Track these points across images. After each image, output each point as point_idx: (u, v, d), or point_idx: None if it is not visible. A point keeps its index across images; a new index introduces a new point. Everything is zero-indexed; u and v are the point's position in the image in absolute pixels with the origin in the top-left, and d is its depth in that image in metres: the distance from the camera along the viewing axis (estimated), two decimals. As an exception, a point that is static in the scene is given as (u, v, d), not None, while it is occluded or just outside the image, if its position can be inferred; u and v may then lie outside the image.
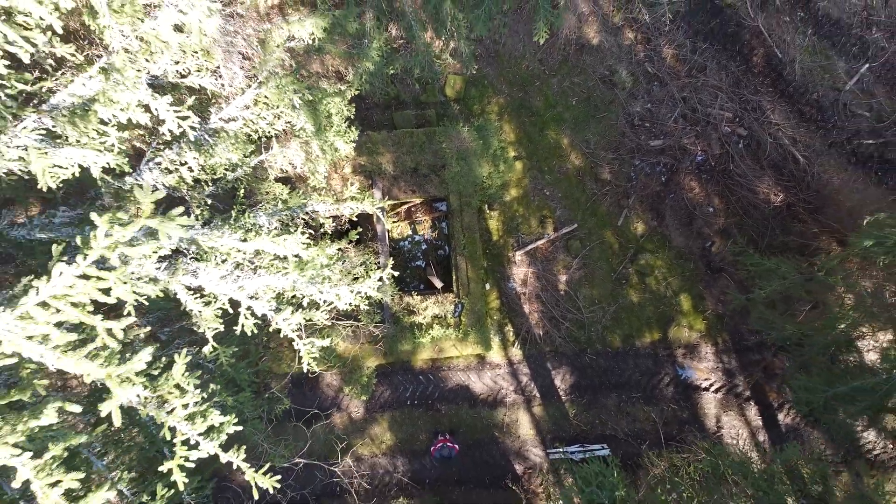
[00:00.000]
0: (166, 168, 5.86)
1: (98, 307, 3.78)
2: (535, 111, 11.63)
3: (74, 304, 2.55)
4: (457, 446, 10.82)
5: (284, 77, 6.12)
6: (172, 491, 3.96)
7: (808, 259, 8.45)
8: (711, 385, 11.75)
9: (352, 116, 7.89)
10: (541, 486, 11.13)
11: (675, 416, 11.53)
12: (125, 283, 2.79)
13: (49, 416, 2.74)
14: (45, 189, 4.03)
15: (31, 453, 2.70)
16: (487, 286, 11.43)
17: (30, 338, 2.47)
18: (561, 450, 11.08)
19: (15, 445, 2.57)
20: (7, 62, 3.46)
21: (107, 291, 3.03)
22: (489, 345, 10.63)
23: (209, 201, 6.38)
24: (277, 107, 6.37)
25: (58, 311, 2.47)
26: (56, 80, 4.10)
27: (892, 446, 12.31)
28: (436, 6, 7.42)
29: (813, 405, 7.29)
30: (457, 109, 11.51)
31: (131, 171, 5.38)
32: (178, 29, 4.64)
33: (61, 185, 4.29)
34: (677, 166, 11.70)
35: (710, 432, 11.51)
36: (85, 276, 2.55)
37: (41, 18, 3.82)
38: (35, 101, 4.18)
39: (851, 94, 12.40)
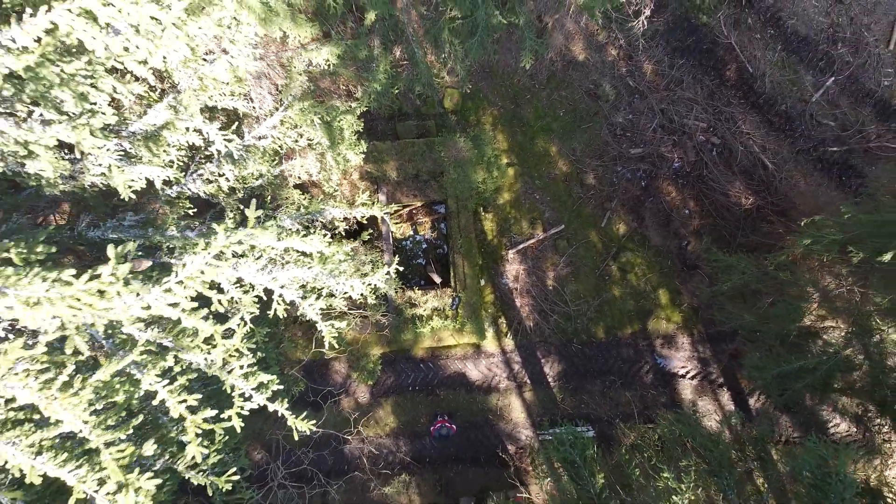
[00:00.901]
0: (207, 178, 6.93)
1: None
2: (525, 122, 12.71)
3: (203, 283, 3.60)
4: (454, 426, 11.91)
5: (306, 101, 7.20)
6: (228, 437, 5.00)
7: (767, 256, 9.50)
8: (688, 372, 12.82)
9: (360, 130, 8.97)
10: (531, 463, 12.19)
11: (654, 401, 12.60)
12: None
13: (170, 361, 3.83)
14: (125, 198, 5.09)
15: (166, 381, 3.75)
16: (482, 282, 12.49)
17: (172, 305, 3.49)
18: (549, 431, 12.14)
19: (157, 376, 3.61)
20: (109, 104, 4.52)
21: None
22: (483, 335, 11.71)
23: (241, 206, 7.46)
24: (299, 126, 7.44)
25: (186, 287, 3.50)
26: (133, 111, 5.14)
27: (855, 429, 13.39)
28: (435, 35, 8.49)
29: (765, 381, 8.36)
30: (454, 120, 12.58)
31: (180, 182, 6.45)
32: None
33: (132, 195, 5.35)
34: (656, 172, 12.78)
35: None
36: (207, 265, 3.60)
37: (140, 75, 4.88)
38: (114, 129, 5.24)
39: (817, 105, 13.47)
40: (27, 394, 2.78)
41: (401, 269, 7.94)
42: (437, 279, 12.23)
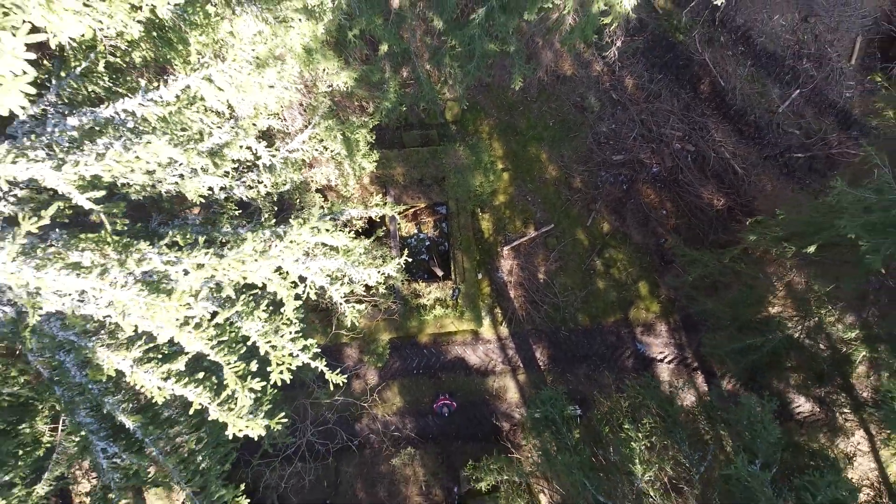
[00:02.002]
0: (249, 185, 8.31)
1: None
2: (518, 131, 14.08)
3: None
4: (455, 403, 13.29)
5: (330, 119, 8.58)
6: (275, 390, 6.35)
7: (723, 251, 10.85)
8: (665, 357, 14.19)
9: (372, 141, 10.34)
10: (523, 439, 13.55)
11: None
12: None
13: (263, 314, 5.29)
14: (196, 202, 6.45)
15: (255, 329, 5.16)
16: (480, 275, 13.86)
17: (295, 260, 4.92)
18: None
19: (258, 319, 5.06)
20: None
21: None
22: (481, 322, 13.09)
23: (275, 208, 8.84)
24: (324, 140, 8.82)
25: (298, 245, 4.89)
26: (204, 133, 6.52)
27: (818, 410, 14.75)
28: (438, 60, 9.86)
29: (721, 357, 9.71)
30: (454, 130, 13.96)
31: (231, 188, 7.83)
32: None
33: (202, 200, 6.72)
34: (636, 177, 14.16)
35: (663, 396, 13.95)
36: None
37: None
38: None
39: (784, 115, 14.85)
40: (170, 331, 4.11)
41: (409, 260, 9.29)
42: (439, 273, 13.60)
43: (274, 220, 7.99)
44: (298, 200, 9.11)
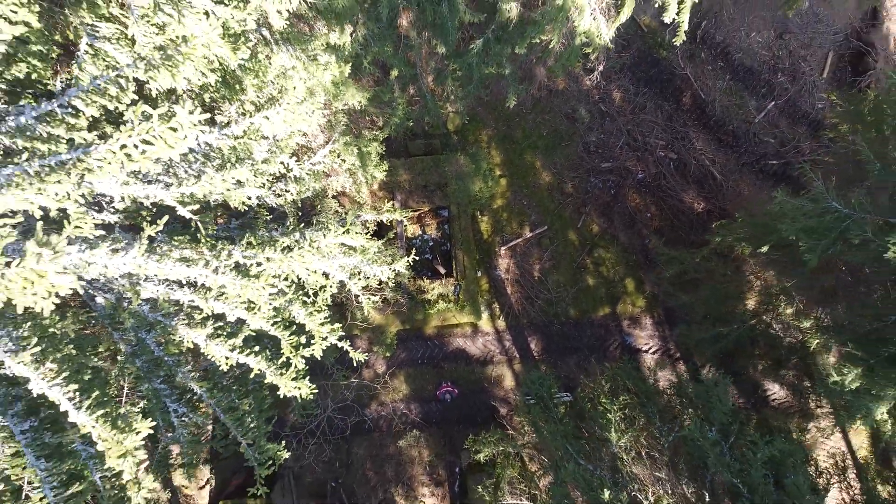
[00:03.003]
0: (277, 193, 9.56)
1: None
2: (515, 140, 15.32)
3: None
4: (456, 390, 14.53)
5: (348, 136, 9.83)
6: (305, 367, 7.60)
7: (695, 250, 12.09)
8: (650, 348, 15.42)
9: (383, 153, 11.57)
10: (519, 423, 14.78)
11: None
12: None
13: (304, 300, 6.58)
14: (240, 210, 7.70)
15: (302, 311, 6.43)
16: (479, 273, 15.10)
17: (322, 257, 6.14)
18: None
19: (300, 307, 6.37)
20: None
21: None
22: (480, 316, 14.33)
23: (299, 213, 10.08)
24: (342, 154, 10.06)
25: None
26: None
27: (791, 396, 15.97)
28: (441, 81, 11.11)
29: (691, 344, 10.93)
30: (456, 139, 15.20)
31: (265, 197, 9.07)
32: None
33: (245, 207, 7.96)
34: (622, 182, 15.39)
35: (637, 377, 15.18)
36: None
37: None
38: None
39: (760, 125, 16.09)
40: (237, 312, 5.33)
41: (416, 258, 10.52)
42: (442, 270, 14.84)
43: (303, 224, 9.22)
44: (318, 206, 10.35)
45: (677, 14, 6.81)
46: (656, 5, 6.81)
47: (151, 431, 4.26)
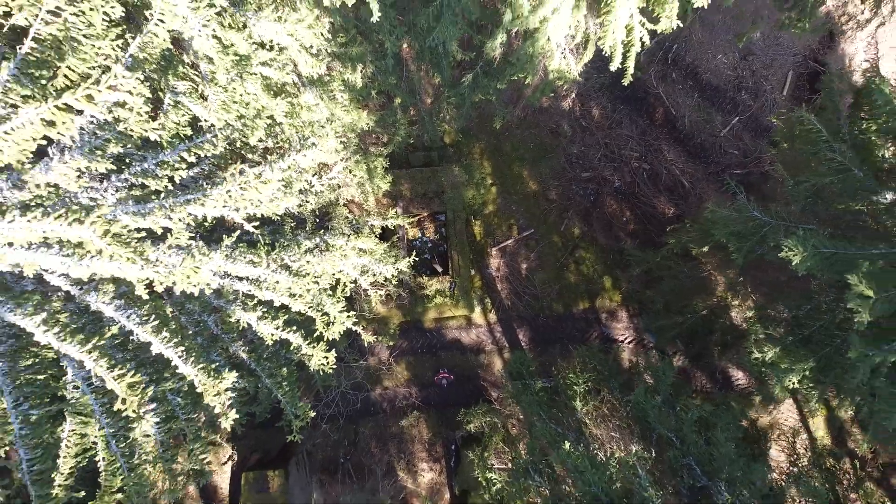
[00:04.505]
0: (299, 204, 11.36)
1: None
2: (504, 153, 17.11)
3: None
4: (452, 376, 16.31)
5: (359, 154, 11.62)
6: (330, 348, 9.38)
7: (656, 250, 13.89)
8: (626, 339, 17.19)
9: (387, 166, 13.36)
10: (504, 398, 16.54)
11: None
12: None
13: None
14: (275, 218, 9.46)
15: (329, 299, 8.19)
16: (472, 271, 16.88)
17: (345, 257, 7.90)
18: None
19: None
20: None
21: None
22: (473, 309, 16.12)
23: (317, 220, 11.87)
24: (352, 170, 11.86)
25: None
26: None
27: (749, 381, 17.71)
28: (438, 105, 12.90)
29: (651, 330, 12.69)
30: (451, 152, 16.98)
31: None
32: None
33: (278, 217, 9.72)
34: (601, 190, 17.18)
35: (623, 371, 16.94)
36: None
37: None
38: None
39: (725, 138, 17.86)
40: (283, 299, 7.10)
41: (416, 258, 12.28)
42: (440, 269, 16.63)
43: (322, 230, 10.99)
44: (332, 213, 12.15)
45: (622, 63, 8.55)
46: (605, 55, 8.55)
47: (234, 379, 6.01)
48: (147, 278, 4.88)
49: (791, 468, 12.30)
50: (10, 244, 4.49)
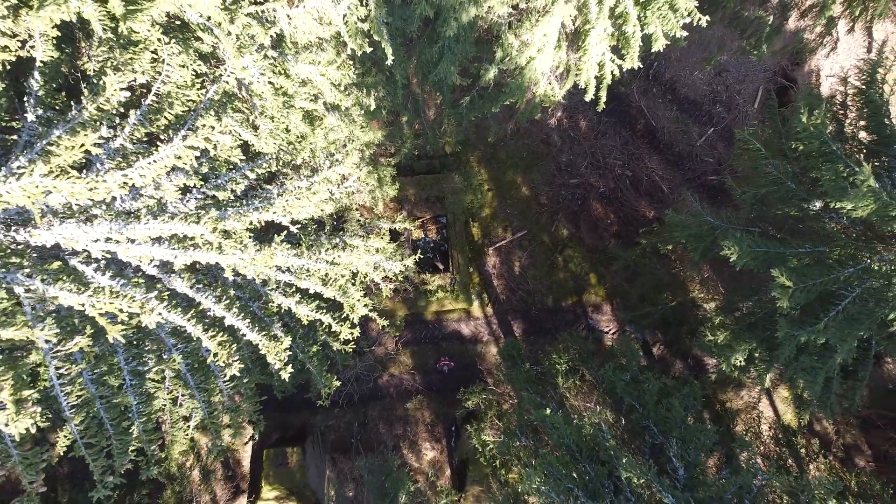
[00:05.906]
0: (321, 209, 13.09)
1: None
2: (499, 161, 18.84)
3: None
4: (452, 364, 18.04)
5: (371, 165, 13.37)
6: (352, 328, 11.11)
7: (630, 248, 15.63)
8: (610, 330, 18.91)
9: (394, 174, 15.09)
10: (500, 387, 18.26)
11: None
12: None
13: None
14: (304, 221, 11.18)
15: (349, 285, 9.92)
16: (471, 269, 18.60)
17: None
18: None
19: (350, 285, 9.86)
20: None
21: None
22: (471, 303, 17.84)
23: (334, 222, 13.61)
24: (365, 179, 13.60)
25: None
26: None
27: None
28: (440, 121, 14.64)
29: (627, 319, 14.41)
30: (452, 160, 18.72)
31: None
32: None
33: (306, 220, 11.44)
34: (587, 195, 18.92)
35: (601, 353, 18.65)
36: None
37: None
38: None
39: (701, 147, 19.60)
40: (317, 287, 8.80)
41: (421, 256, 13.98)
42: (441, 266, 18.36)
43: (340, 231, 12.69)
44: (346, 216, 13.89)
45: (595, 94, 10.27)
46: (580, 87, 10.27)
47: (291, 342, 7.73)
48: (233, 264, 6.62)
49: (748, 436, 14.05)
50: (133, 240, 6.22)
